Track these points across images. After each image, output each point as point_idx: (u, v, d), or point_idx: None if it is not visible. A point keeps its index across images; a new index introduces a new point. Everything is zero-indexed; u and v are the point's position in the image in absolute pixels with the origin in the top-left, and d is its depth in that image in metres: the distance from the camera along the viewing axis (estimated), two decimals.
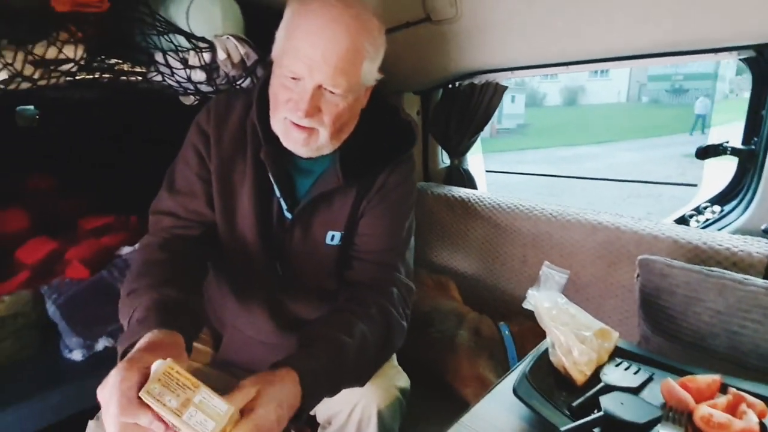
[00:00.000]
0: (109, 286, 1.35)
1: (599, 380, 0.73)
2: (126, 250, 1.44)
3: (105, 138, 1.89)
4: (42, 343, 1.33)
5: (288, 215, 0.88)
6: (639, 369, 0.75)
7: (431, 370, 1.20)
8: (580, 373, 0.74)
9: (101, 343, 1.32)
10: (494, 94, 1.50)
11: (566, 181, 8.12)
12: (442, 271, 1.56)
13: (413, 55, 1.44)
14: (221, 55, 1.12)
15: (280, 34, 0.77)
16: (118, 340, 0.70)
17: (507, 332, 1.22)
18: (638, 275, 1.00)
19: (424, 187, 1.63)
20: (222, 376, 0.98)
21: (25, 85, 0.96)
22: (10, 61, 0.90)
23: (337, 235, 0.89)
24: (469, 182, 1.69)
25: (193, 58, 1.13)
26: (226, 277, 0.96)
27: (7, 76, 0.91)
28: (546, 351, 0.79)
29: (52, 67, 0.98)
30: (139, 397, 0.53)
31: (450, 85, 1.59)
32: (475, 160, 1.77)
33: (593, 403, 0.68)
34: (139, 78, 1.20)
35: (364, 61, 0.75)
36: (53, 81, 1.01)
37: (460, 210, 1.51)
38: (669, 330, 0.95)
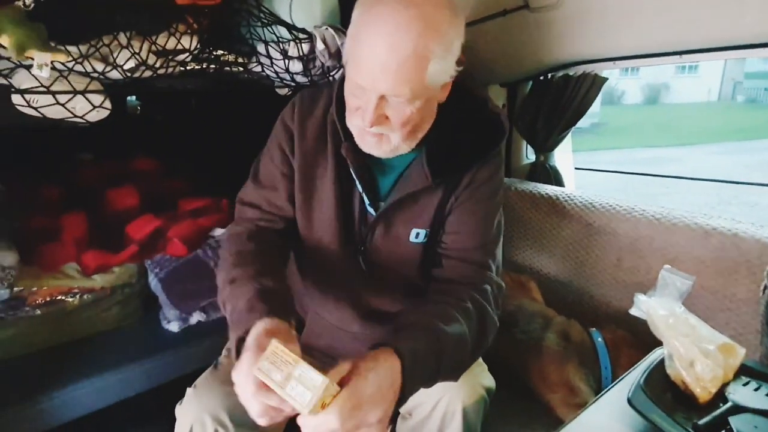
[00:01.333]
0: (203, 264, 1.44)
1: (724, 399, 0.67)
2: (218, 232, 1.53)
3: (201, 127, 2.03)
4: (144, 312, 1.45)
5: (371, 211, 0.87)
6: None
7: (513, 371, 1.15)
8: (703, 390, 0.67)
9: (195, 317, 1.41)
10: (592, 86, 1.41)
11: (646, 184, 7.55)
12: (523, 271, 1.50)
13: (504, 45, 1.39)
14: (320, 45, 1.14)
15: (348, 35, 0.74)
16: (230, 328, 0.75)
17: (600, 339, 1.14)
18: (765, 288, 0.89)
19: (507, 183, 1.57)
20: (306, 359, 1.01)
21: (147, 74, 1.04)
22: (137, 51, 0.97)
23: (422, 232, 0.87)
24: (555, 180, 1.61)
25: (292, 49, 1.17)
26: (309, 267, 0.98)
27: (134, 65, 0.99)
28: (661, 362, 0.73)
29: (170, 57, 1.05)
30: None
31: (541, 77, 1.51)
32: (562, 157, 1.67)
33: (721, 424, 0.62)
34: (241, 69, 1.26)
35: (429, 64, 0.69)
36: (170, 70, 1.09)
37: (546, 208, 1.44)
38: None
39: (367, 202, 0.87)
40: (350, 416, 0.58)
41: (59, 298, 1.29)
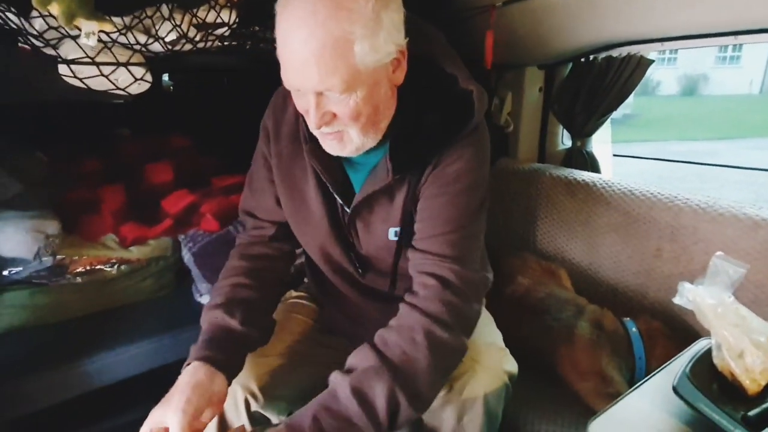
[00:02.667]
0: (234, 240, 1.46)
1: None
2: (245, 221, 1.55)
3: (234, 106, 2.04)
4: (177, 285, 1.49)
5: (348, 211, 0.84)
6: None
7: (541, 357, 1.14)
8: (752, 382, 0.65)
9: None
10: (636, 68, 1.35)
11: (681, 179, 7.29)
12: (554, 258, 1.47)
13: (544, 24, 1.34)
14: None
15: None
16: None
17: (634, 329, 1.11)
18: None
19: (542, 169, 1.54)
20: (324, 336, 1.03)
21: (187, 47, 1.04)
22: (178, 23, 0.98)
23: (398, 230, 0.83)
24: (592, 166, 1.56)
25: None
26: (313, 265, 0.98)
27: (175, 37, 0.99)
28: (707, 352, 0.71)
29: (209, 31, 1.05)
30: None
31: (582, 59, 1.46)
32: (600, 143, 1.62)
33: None
34: (276, 46, 1.25)
35: (353, 47, 0.63)
36: (209, 44, 1.09)
37: (582, 195, 1.40)
38: None
39: (340, 202, 0.83)
40: None
41: (98, 267, 1.33)
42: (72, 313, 1.33)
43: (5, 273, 1.23)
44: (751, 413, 0.59)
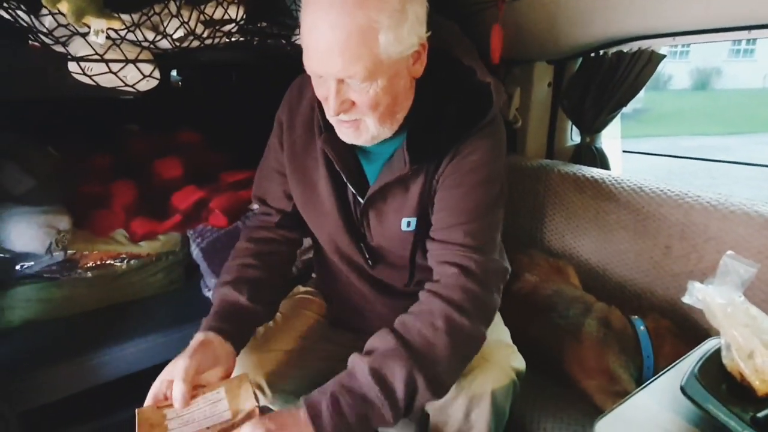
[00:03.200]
0: None
1: None
2: (256, 205, 1.56)
3: (242, 101, 2.05)
4: (186, 280, 1.50)
5: (361, 201, 0.84)
6: None
7: (548, 355, 1.13)
8: (762, 383, 0.64)
9: None
10: (647, 63, 1.33)
11: (693, 174, 7.19)
12: (562, 255, 1.46)
13: (554, 19, 1.32)
14: None
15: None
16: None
17: (642, 327, 1.11)
18: None
19: (550, 165, 1.53)
20: (332, 331, 1.04)
21: (195, 44, 1.05)
22: (186, 20, 0.98)
23: (413, 221, 0.83)
24: (602, 163, 1.55)
25: None
26: (322, 255, 0.99)
27: (183, 34, 1.00)
28: (716, 352, 0.70)
29: (217, 27, 1.05)
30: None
31: (592, 54, 1.44)
32: (609, 139, 1.60)
33: None
34: (284, 41, 1.25)
35: (378, 36, 0.64)
36: (216, 41, 1.09)
37: (591, 191, 1.39)
38: None
39: (353, 192, 0.84)
40: None
41: (108, 262, 1.35)
42: (82, 308, 1.34)
43: (17, 267, 1.25)
44: (760, 414, 0.59)
